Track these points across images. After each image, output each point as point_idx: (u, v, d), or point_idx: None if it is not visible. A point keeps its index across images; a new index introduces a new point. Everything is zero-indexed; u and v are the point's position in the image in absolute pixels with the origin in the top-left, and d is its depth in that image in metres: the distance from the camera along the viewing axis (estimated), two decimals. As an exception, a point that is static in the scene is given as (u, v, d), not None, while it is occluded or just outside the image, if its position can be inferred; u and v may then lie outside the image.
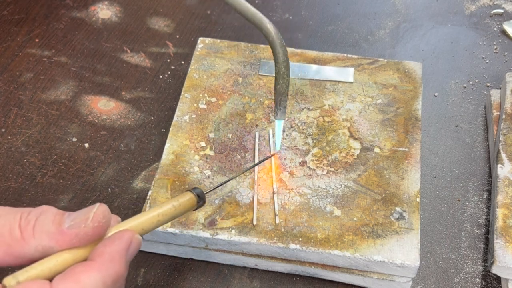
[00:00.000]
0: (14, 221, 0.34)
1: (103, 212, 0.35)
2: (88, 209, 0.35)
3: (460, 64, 0.68)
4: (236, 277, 0.51)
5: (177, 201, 0.40)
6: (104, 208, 0.36)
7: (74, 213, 0.35)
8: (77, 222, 0.34)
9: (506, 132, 0.56)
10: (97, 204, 0.36)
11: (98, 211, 0.35)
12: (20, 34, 0.70)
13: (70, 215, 0.35)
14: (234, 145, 0.55)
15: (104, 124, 0.62)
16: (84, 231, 0.34)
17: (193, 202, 0.42)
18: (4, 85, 0.65)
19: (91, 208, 0.35)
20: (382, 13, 0.74)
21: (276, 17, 0.73)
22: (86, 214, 0.35)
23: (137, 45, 0.69)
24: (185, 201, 0.41)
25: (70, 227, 0.34)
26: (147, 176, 0.58)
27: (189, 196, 0.41)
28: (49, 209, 0.35)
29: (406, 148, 0.54)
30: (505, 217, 0.51)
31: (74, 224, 0.34)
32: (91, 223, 0.35)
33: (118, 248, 0.35)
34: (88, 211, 0.35)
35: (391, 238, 0.49)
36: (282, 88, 0.48)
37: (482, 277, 0.52)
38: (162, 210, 0.39)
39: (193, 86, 0.59)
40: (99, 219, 0.35)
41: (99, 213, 0.35)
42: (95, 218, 0.35)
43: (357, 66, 0.61)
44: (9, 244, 0.34)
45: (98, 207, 0.35)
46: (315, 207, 0.51)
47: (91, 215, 0.35)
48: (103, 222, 0.35)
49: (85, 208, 0.35)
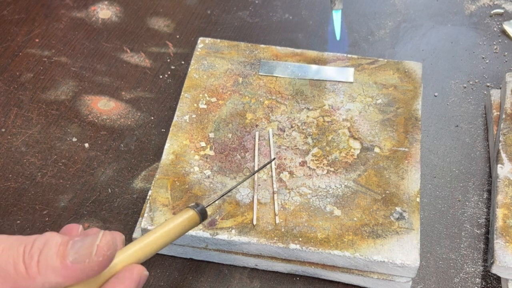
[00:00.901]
0: (18, 255, 0.32)
1: (107, 244, 0.33)
2: (92, 240, 0.33)
3: (460, 64, 0.68)
4: (236, 277, 0.51)
5: (180, 220, 0.40)
6: (108, 238, 0.33)
7: (78, 242, 0.33)
8: (81, 255, 0.32)
9: (506, 132, 0.56)
10: (100, 233, 0.33)
11: (101, 243, 0.33)
12: (20, 34, 0.70)
13: (74, 244, 0.33)
14: (234, 145, 0.55)
15: (104, 124, 0.62)
16: (89, 266, 0.32)
17: (196, 219, 0.41)
18: (4, 85, 0.65)
19: (94, 238, 0.33)
20: (382, 13, 0.74)
21: (276, 17, 0.73)
22: (90, 246, 0.33)
23: (137, 45, 0.69)
24: (188, 221, 0.40)
25: (75, 261, 0.32)
26: (147, 176, 0.58)
27: (191, 214, 0.41)
28: (52, 238, 0.33)
29: (406, 148, 0.54)
30: (505, 217, 0.51)
31: (78, 257, 0.32)
32: (95, 258, 0.33)
33: None
34: (91, 242, 0.33)
35: (391, 238, 0.49)
36: None
37: (482, 277, 0.52)
38: (164, 231, 0.39)
39: (193, 86, 0.59)
40: (103, 252, 0.33)
41: (102, 246, 0.33)
42: (99, 252, 0.33)
43: (357, 66, 0.61)
44: (15, 280, 0.32)
45: (101, 238, 0.33)
46: (315, 207, 0.51)
47: (95, 249, 0.33)
48: (108, 254, 0.33)
49: (89, 237, 0.33)
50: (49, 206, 0.55)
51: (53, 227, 0.54)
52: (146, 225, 0.49)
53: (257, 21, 0.72)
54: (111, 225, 0.54)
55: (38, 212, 0.55)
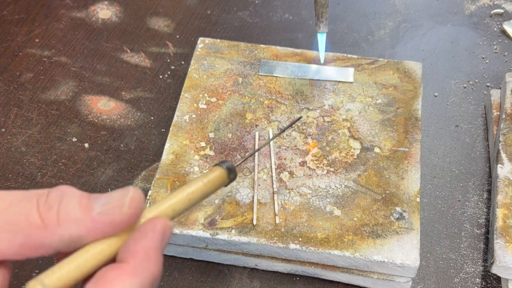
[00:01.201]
0: (31, 206, 0.29)
1: (140, 197, 0.30)
2: (121, 193, 0.30)
3: (460, 64, 0.68)
4: (236, 277, 0.51)
5: (207, 178, 0.36)
6: (140, 191, 0.31)
7: (103, 197, 0.30)
8: (110, 208, 0.29)
9: (506, 132, 0.56)
10: (130, 188, 0.30)
11: (135, 195, 0.30)
12: (20, 34, 0.70)
13: (98, 198, 0.30)
14: (234, 145, 0.55)
15: (104, 124, 0.62)
16: (120, 218, 0.29)
17: (224, 177, 0.37)
18: (4, 85, 0.65)
19: (125, 191, 0.30)
20: (382, 13, 0.74)
21: (276, 17, 0.73)
22: (120, 199, 0.30)
23: (137, 45, 0.69)
24: (215, 177, 0.36)
25: (102, 213, 0.29)
26: (147, 176, 0.58)
27: (219, 171, 0.36)
28: (70, 190, 0.30)
29: (406, 148, 0.54)
30: (505, 217, 0.51)
31: (106, 210, 0.29)
32: (128, 210, 0.30)
33: (152, 243, 0.30)
34: (122, 195, 0.30)
35: (391, 238, 0.49)
36: (323, 0, 0.49)
37: (482, 277, 0.52)
38: (192, 189, 0.35)
39: (193, 86, 0.59)
40: (135, 204, 0.30)
41: (136, 197, 0.30)
42: (132, 204, 0.30)
43: (357, 66, 0.61)
44: (28, 234, 0.28)
45: (134, 191, 0.30)
46: (315, 207, 0.51)
47: (128, 201, 0.30)
48: (139, 207, 0.30)
49: (115, 192, 0.30)
50: (49, 206, 0.55)
51: (53, 227, 0.54)
52: (146, 225, 0.49)
53: (257, 21, 0.72)
54: (111, 225, 0.54)
55: (38, 212, 0.55)
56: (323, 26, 0.51)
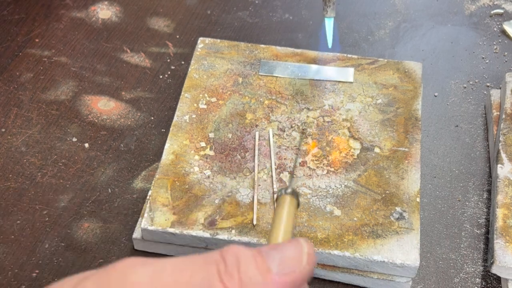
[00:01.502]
0: (212, 276, 0.29)
1: (313, 250, 0.31)
2: (295, 247, 0.30)
3: (460, 64, 0.68)
4: (236, 277, 0.51)
5: (292, 207, 0.38)
6: (310, 244, 0.31)
7: (275, 253, 0.30)
8: (288, 266, 0.29)
9: (506, 132, 0.56)
10: (301, 241, 0.31)
11: (311, 250, 0.30)
12: (20, 34, 0.70)
13: (270, 256, 0.30)
14: (234, 145, 0.55)
15: (104, 124, 0.62)
16: (301, 276, 0.30)
17: (295, 204, 0.39)
18: (4, 85, 0.65)
19: (298, 246, 0.30)
20: (382, 13, 0.74)
21: (276, 17, 0.73)
22: (297, 256, 0.30)
23: (137, 45, 0.69)
24: (294, 207, 0.39)
25: (282, 274, 0.29)
26: (147, 176, 0.58)
27: (292, 200, 0.39)
28: (243, 252, 0.30)
29: (406, 148, 0.54)
30: (505, 217, 0.51)
31: (284, 269, 0.29)
32: (307, 266, 0.30)
33: None
34: (297, 251, 0.30)
35: (391, 238, 0.49)
36: None
37: (482, 277, 0.52)
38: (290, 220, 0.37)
39: (193, 86, 0.59)
40: (313, 259, 0.30)
41: (312, 253, 0.30)
42: (310, 260, 0.30)
43: (357, 66, 0.61)
44: None
45: (307, 246, 0.31)
46: (315, 207, 0.51)
47: (305, 257, 0.30)
48: (315, 261, 0.31)
49: (287, 246, 0.31)
50: (49, 206, 0.55)
51: (53, 227, 0.54)
52: (146, 225, 0.49)
53: (257, 21, 0.72)
54: (111, 225, 0.54)
55: (38, 212, 0.55)
56: (330, 10, 0.51)
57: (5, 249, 0.52)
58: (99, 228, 0.54)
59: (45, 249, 0.52)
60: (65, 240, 0.53)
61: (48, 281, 0.50)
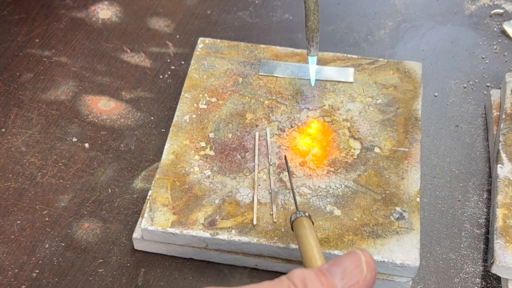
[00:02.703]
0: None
1: (371, 257, 0.32)
2: (353, 259, 0.31)
3: (460, 64, 0.68)
4: (236, 277, 0.51)
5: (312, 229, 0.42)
6: (366, 251, 0.32)
7: (336, 268, 0.31)
8: (351, 278, 0.30)
9: (506, 132, 0.56)
10: (358, 252, 0.32)
11: (367, 258, 0.31)
12: (20, 34, 0.70)
13: (332, 271, 0.31)
14: (234, 145, 0.55)
15: (104, 124, 0.62)
16: (365, 284, 0.31)
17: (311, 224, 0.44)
18: (4, 85, 0.65)
19: (357, 257, 0.31)
20: (382, 13, 0.74)
21: (276, 17, 0.73)
22: (358, 265, 0.31)
23: (137, 45, 0.69)
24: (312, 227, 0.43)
25: (346, 285, 0.30)
26: (147, 176, 0.58)
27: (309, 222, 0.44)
28: (306, 273, 0.31)
29: (406, 148, 0.54)
30: (505, 217, 0.51)
31: (348, 281, 0.30)
32: (368, 274, 0.31)
33: None
34: (356, 262, 0.31)
35: (391, 238, 0.49)
36: (313, 25, 0.51)
37: (482, 277, 0.52)
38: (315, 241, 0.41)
39: (193, 86, 0.59)
40: (373, 267, 0.31)
41: (370, 260, 0.31)
42: (370, 268, 0.31)
43: (357, 66, 0.61)
44: None
45: (365, 254, 0.32)
46: (315, 207, 0.51)
47: (364, 266, 0.31)
48: (376, 268, 0.32)
49: (345, 258, 0.32)
50: (49, 206, 0.55)
51: (53, 227, 0.54)
52: (146, 225, 0.49)
53: (257, 21, 0.72)
54: (111, 225, 0.54)
55: (38, 212, 0.55)
56: (313, 49, 0.54)
57: (5, 249, 0.52)
58: (99, 228, 0.54)
59: (45, 249, 0.52)
60: (65, 240, 0.53)
61: (48, 281, 0.50)
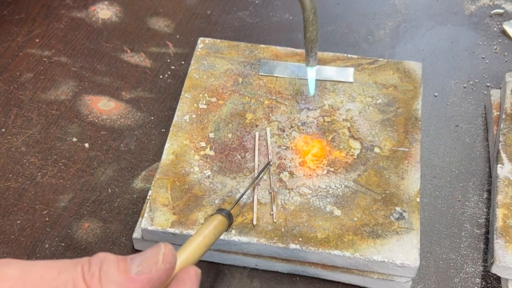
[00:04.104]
0: (77, 275, 0.32)
1: (171, 251, 0.34)
2: (154, 251, 0.34)
3: (460, 64, 0.68)
4: (236, 277, 0.51)
5: (216, 229, 0.42)
6: (171, 247, 0.34)
7: (138, 257, 0.34)
8: (146, 266, 0.33)
9: (506, 132, 0.56)
10: (161, 244, 0.34)
11: (166, 251, 0.34)
12: (20, 34, 0.70)
13: (133, 259, 0.33)
14: (234, 145, 0.55)
15: (104, 124, 0.62)
16: (157, 274, 0.33)
17: (225, 224, 0.44)
18: (4, 85, 0.65)
19: (157, 249, 0.34)
20: (382, 13, 0.74)
21: (276, 17, 0.73)
22: (154, 256, 0.33)
23: (137, 45, 0.69)
24: (220, 226, 0.43)
25: (139, 272, 0.33)
26: (147, 176, 0.58)
27: (222, 220, 0.43)
28: (108, 256, 0.33)
29: (406, 148, 0.54)
30: (505, 217, 0.51)
31: (142, 269, 0.33)
32: (163, 265, 0.33)
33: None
34: (155, 253, 0.34)
35: (391, 238, 0.49)
36: (312, 35, 0.51)
37: (482, 277, 0.52)
38: (207, 241, 0.41)
39: (193, 86, 0.59)
40: (169, 259, 0.33)
41: (168, 253, 0.34)
42: (166, 259, 0.33)
43: (357, 66, 0.61)
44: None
45: (164, 247, 0.34)
46: (315, 207, 0.51)
47: (161, 257, 0.33)
48: (174, 261, 0.34)
49: (148, 250, 0.34)
50: (49, 206, 0.55)
51: (53, 227, 0.54)
52: (146, 225, 0.49)
53: (257, 21, 0.72)
54: (111, 225, 0.54)
55: (38, 212, 0.55)
56: (312, 60, 0.54)
57: (5, 249, 0.52)
58: (99, 228, 0.54)
59: (45, 249, 0.52)
60: (65, 240, 0.53)
61: (48, 281, 0.50)
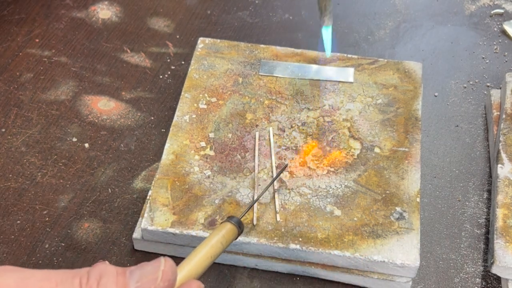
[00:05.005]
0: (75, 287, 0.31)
1: (171, 268, 0.33)
2: (154, 266, 0.33)
3: (460, 64, 0.68)
4: (236, 277, 0.51)
5: (224, 238, 0.41)
6: (171, 263, 0.33)
7: (137, 271, 0.32)
8: (145, 282, 0.32)
9: (506, 132, 0.56)
10: (161, 259, 0.33)
11: (166, 268, 0.32)
12: (20, 34, 0.70)
13: (132, 273, 0.32)
14: (234, 145, 0.55)
15: (104, 124, 0.62)
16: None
17: (235, 233, 0.43)
18: (4, 85, 0.65)
19: (157, 264, 0.33)
20: (382, 13, 0.74)
21: (276, 17, 0.73)
22: (154, 273, 0.32)
23: (137, 45, 0.69)
24: (229, 235, 0.42)
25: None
26: (147, 176, 0.58)
27: (231, 228, 0.42)
28: (107, 268, 0.32)
29: (406, 148, 0.54)
30: (505, 217, 0.51)
31: (141, 285, 0.32)
32: (161, 283, 0.32)
33: None
34: (155, 269, 0.32)
35: (391, 238, 0.49)
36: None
37: (482, 277, 0.52)
38: (213, 251, 0.40)
39: (193, 86, 0.59)
40: (168, 277, 0.32)
41: (167, 271, 0.32)
42: (165, 277, 0.32)
43: (357, 66, 0.61)
44: None
45: (164, 263, 0.33)
46: (315, 207, 0.51)
47: (160, 274, 0.32)
48: (173, 278, 0.33)
49: (148, 264, 0.33)
50: (49, 206, 0.55)
51: (53, 227, 0.54)
52: (146, 225, 0.49)
53: (257, 21, 0.72)
54: (111, 225, 0.54)
55: (38, 212, 0.55)
56: (327, 19, 0.52)
57: (5, 249, 0.52)
58: (99, 228, 0.54)
59: (45, 249, 0.52)
60: (65, 240, 0.53)
61: (48, 281, 0.50)
